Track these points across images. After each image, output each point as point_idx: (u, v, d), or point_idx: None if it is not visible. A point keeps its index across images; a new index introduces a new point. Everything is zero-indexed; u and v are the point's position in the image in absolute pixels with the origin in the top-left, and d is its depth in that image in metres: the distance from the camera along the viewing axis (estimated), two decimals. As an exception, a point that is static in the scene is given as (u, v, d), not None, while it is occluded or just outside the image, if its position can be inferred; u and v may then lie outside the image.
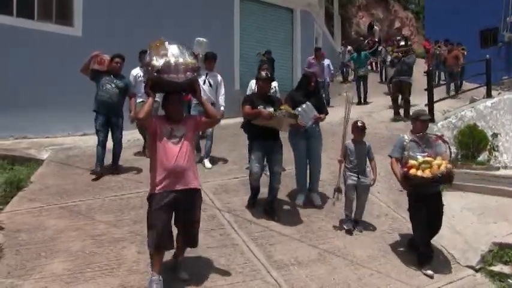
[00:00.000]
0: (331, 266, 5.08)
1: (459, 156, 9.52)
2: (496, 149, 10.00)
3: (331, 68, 14.96)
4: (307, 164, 6.64)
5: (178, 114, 4.33)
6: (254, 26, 13.87)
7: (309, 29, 16.50)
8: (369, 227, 6.17)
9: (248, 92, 8.06)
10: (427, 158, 5.31)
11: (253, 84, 7.84)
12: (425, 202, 5.33)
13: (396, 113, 11.62)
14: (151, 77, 4.14)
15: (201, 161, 7.69)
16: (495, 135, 10.28)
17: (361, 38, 21.71)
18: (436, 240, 6.03)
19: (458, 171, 8.71)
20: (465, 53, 16.11)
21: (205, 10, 11.88)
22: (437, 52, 18.32)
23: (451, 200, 7.27)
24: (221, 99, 7.88)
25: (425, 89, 11.08)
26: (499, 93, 13.31)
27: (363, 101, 14.70)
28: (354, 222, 6.03)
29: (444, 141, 5.76)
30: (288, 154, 6.58)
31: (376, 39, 20.56)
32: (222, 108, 7.78)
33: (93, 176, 6.92)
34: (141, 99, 7.72)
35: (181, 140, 4.23)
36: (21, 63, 8.71)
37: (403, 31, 29.45)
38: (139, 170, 7.28)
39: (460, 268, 5.48)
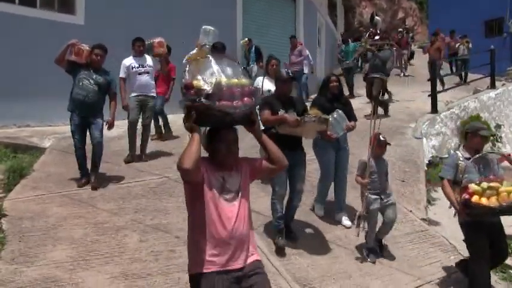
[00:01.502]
0: (332, 256, 5.09)
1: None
2: (499, 140, 10.00)
3: (311, 59, 13.83)
4: (333, 178, 5.88)
5: (232, 159, 2.92)
6: (257, 16, 13.81)
7: (311, 18, 16.43)
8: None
9: None
10: (493, 184, 4.30)
11: (260, 81, 6.76)
12: (486, 231, 4.50)
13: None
14: (197, 106, 2.70)
15: None
16: (498, 126, 10.28)
17: (362, 29, 21.45)
18: (437, 231, 6.04)
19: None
20: (470, 45, 15.92)
21: (208, 0, 11.82)
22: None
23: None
24: None
25: (428, 80, 11.06)
26: (503, 84, 13.27)
27: (349, 94, 13.89)
28: (377, 243, 5.31)
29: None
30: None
31: (378, 31, 20.32)
32: None
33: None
34: (134, 94, 7.40)
35: (237, 195, 2.89)
36: (23, 51, 8.68)
37: (407, 21, 29.29)
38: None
39: (462, 259, 5.48)
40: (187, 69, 2.85)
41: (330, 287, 4.55)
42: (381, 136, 5.28)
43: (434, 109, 10.18)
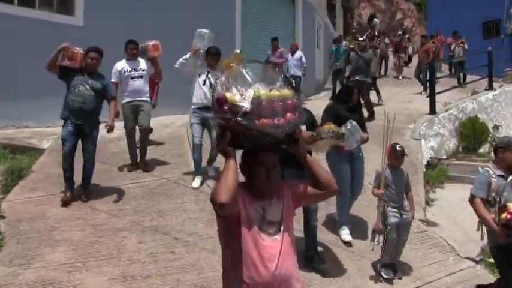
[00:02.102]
0: (331, 257, 5.10)
1: (460, 149, 9.54)
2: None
3: (304, 62, 13.08)
4: (350, 189, 5.54)
5: (273, 185, 2.43)
6: (255, 17, 13.81)
7: (310, 20, 16.43)
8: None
9: None
10: None
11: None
12: None
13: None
14: (233, 125, 2.23)
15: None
16: (496, 127, 10.29)
17: (353, 31, 21.35)
18: (435, 232, 6.05)
19: (459, 163, 8.75)
20: (465, 46, 15.86)
21: (207, 0, 11.81)
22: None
23: (451, 192, 7.28)
24: None
25: (426, 81, 11.07)
26: (501, 85, 13.29)
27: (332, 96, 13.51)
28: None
29: None
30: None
31: (376, 33, 20.21)
32: None
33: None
34: (127, 100, 6.92)
35: (279, 227, 2.44)
36: (21, 52, 8.67)
37: (405, 22, 29.32)
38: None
39: (460, 260, 5.49)
40: (219, 79, 2.40)
41: (329, 287, 4.56)
42: (397, 146, 5.01)
43: (432, 110, 10.19)
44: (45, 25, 9.15)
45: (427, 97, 10.63)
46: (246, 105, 2.22)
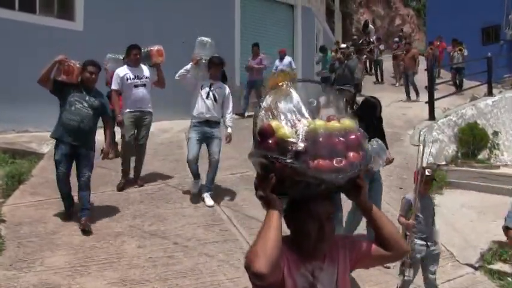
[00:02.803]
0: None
1: (459, 155, 9.55)
2: (496, 147, 10.03)
3: (294, 67, 12.44)
4: None
5: (325, 244, 1.82)
6: (255, 22, 13.85)
7: (309, 25, 16.48)
8: None
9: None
10: None
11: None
12: None
13: None
14: (281, 167, 1.66)
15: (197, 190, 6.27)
16: (495, 133, 10.30)
17: (355, 37, 21.19)
18: (435, 238, 6.06)
19: (459, 169, 8.76)
20: (464, 52, 15.80)
21: (206, 5, 11.86)
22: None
23: (450, 198, 7.30)
24: (229, 118, 6.32)
25: (425, 87, 11.10)
26: (500, 91, 13.32)
27: None
28: None
29: None
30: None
31: (371, 39, 20.06)
32: (229, 129, 6.31)
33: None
34: (129, 109, 6.38)
35: None
36: (22, 57, 8.69)
37: (404, 28, 29.36)
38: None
39: (459, 266, 5.50)
40: (263, 103, 1.84)
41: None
42: (426, 171, 4.61)
43: (431, 116, 10.21)
44: (46, 30, 9.18)
45: (426, 103, 10.64)
46: (299, 142, 1.67)
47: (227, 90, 6.34)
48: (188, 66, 6.17)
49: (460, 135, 9.69)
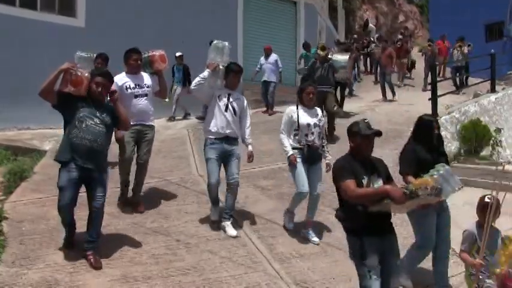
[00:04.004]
0: (332, 259, 5.10)
1: (462, 151, 9.52)
2: (499, 144, 9.98)
3: (280, 66, 11.89)
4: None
5: None
6: (258, 19, 13.83)
7: (312, 22, 16.44)
8: None
9: (283, 127, 5.49)
10: None
11: (294, 113, 5.49)
12: None
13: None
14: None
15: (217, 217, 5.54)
16: (498, 130, 10.26)
17: (355, 36, 20.85)
18: (437, 235, 6.03)
19: (461, 166, 8.73)
20: (464, 49, 15.50)
21: (209, 2, 11.84)
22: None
23: (453, 195, 7.25)
24: (248, 133, 5.62)
25: (429, 83, 11.06)
26: (503, 88, 13.26)
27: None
28: None
29: None
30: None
31: (372, 39, 19.73)
32: (250, 147, 5.63)
33: None
34: (132, 122, 5.31)
35: None
36: (24, 54, 8.70)
37: (407, 25, 29.27)
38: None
39: (462, 263, 5.46)
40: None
41: (330, 290, 4.55)
42: (486, 197, 4.22)
43: (434, 113, 10.18)
44: (47, 27, 9.19)
45: (429, 100, 10.61)
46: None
47: (245, 101, 5.67)
48: (205, 74, 5.34)
49: (463, 132, 9.65)
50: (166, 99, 7.35)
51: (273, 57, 11.84)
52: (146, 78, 5.81)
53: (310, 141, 5.38)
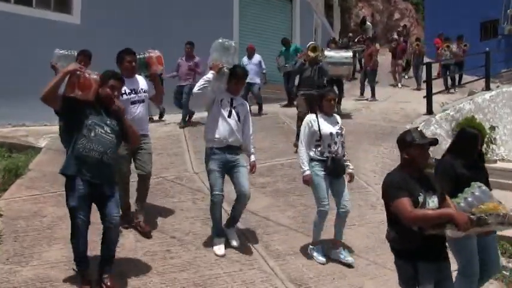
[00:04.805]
0: (328, 256, 5.11)
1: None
2: (493, 141, 10.05)
3: (263, 67, 11.41)
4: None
5: None
6: (253, 16, 13.82)
7: (308, 19, 16.46)
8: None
9: (303, 138, 5.02)
10: None
11: (314, 122, 5.03)
12: None
13: None
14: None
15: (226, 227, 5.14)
16: (493, 128, 10.33)
17: (350, 34, 20.67)
18: (432, 232, 6.06)
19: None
20: (453, 48, 15.20)
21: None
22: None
23: (447, 192, 7.29)
24: (251, 142, 5.18)
25: (424, 81, 11.10)
26: (498, 86, 13.33)
27: (288, 103, 12.32)
28: None
29: None
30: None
31: (369, 36, 19.46)
32: (253, 157, 5.20)
33: None
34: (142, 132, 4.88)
35: None
36: (19, 51, 8.66)
37: (403, 22, 29.31)
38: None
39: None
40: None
41: (325, 287, 4.57)
42: None
43: (429, 110, 10.22)
44: (42, 23, 9.15)
45: (424, 97, 10.65)
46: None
47: (247, 106, 5.20)
48: (210, 76, 4.84)
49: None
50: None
51: (257, 57, 11.34)
52: (142, 82, 5.24)
53: (334, 152, 4.95)
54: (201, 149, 6.35)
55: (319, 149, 4.96)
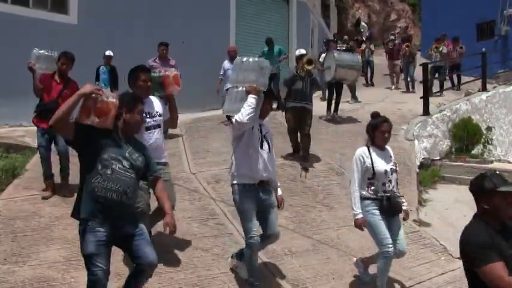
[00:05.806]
0: (324, 256, 5.13)
1: (453, 150, 9.61)
2: (490, 142, 10.10)
3: None
4: None
5: None
6: (250, 17, 13.84)
7: (304, 20, 16.48)
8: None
9: (356, 175, 4.45)
10: None
11: (367, 160, 4.48)
12: None
13: (297, 150, 7.93)
14: None
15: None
16: (489, 128, 10.38)
17: (345, 37, 20.44)
18: (428, 232, 6.10)
19: (452, 164, 8.81)
20: (443, 50, 15.01)
21: (202, 0, 11.83)
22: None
23: (444, 192, 7.33)
24: (275, 173, 4.61)
25: (420, 82, 11.14)
26: (494, 86, 13.38)
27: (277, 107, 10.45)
28: None
29: None
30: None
31: (364, 38, 19.23)
32: (280, 191, 4.62)
33: None
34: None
35: None
36: (15, 51, 8.64)
37: (399, 23, 29.41)
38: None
39: (452, 260, 5.53)
40: None
41: (321, 287, 4.59)
42: None
43: (426, 111, 10.25)
44: (39, 23, 9.14)
45: (420, 98, 10.68)
46: None
47: (269, 127, 4.59)
48: (253, 101, 4.13)
49: (454, 130, 9.74)
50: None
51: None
52: (157, 104, 4.57)
53: (389, 191, 4.42)
54: (197, 149, 6.37)
55: (372, 187, 4.42)
